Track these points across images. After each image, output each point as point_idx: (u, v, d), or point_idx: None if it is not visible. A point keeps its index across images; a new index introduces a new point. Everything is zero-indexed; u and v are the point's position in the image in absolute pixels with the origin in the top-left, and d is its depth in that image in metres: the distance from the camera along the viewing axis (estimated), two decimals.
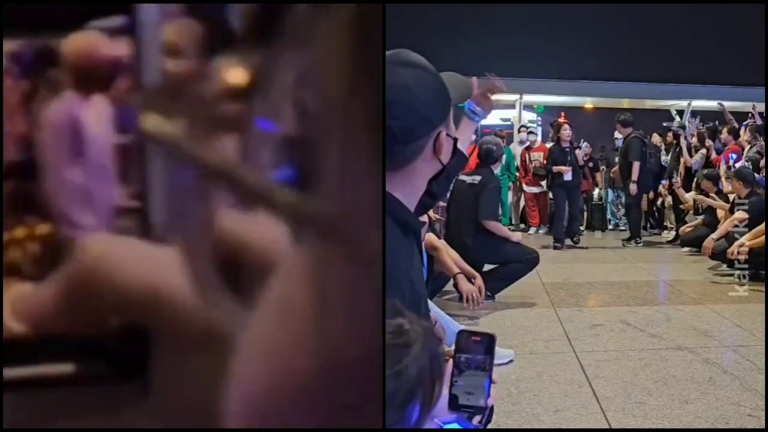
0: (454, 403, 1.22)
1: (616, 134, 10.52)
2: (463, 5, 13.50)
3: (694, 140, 10.11)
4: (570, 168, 9.48)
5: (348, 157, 0.87)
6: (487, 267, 5.60)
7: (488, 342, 1.25)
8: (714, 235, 6.83)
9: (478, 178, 5.74)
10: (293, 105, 1.01)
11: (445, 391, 1.19)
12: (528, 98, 14.15)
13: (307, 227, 0.89)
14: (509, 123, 14.14)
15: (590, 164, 11.83)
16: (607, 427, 3.05)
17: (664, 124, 12.15)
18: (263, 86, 1.18)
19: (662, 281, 6.96)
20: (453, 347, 1.25)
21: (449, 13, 13.59)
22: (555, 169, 9.59)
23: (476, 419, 1.24)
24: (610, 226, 12.32)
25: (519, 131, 12.57)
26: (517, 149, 12.17)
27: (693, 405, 3.28)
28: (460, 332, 1.26)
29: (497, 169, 6.18)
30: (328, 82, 0.86)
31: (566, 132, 9.67)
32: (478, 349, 1.24)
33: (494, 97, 1.90)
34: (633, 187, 9.48)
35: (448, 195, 5.73)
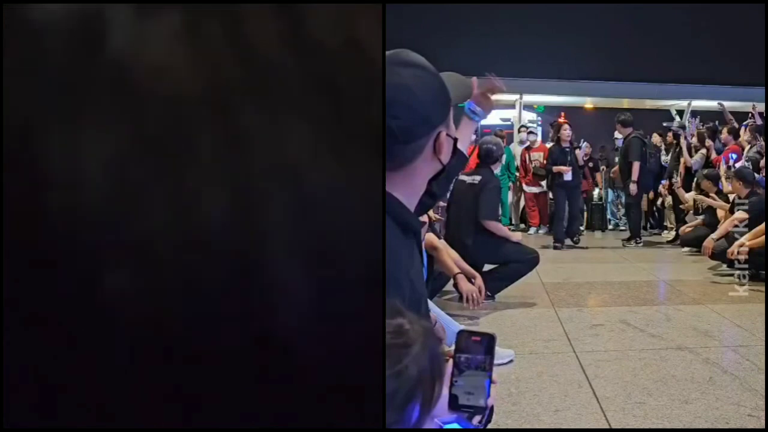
0: (454, 403, 1.22)
1: (616, 134, 10.52)
2: (463, 5, 13.49)
3: (694, 140, 10.11)
4: (570, 168, 9.48)
5: None
6: (487, 267, 5.60)
7: (488, 342, 1.25)
8: (714, 235, 6.83)
9: (478, 178, 5.73)
10: None
11: (445, 391, 1.19)
12: (528, 98, 14.15)
13: None
14: (509, 123, 14.14)
15: (590, 164, 11.83)
16: (607, 427, 3.05)
17: (664, 124, 12.15)
18: None
19: (662, 281, 6.96)
20: (453, 347, 1.25)
21: (449, 13, 13.58)
22: (555, 169, 9.59)
23: (476, 419, 1.24)
24: (610, 226, 12.32)
25: (519, 131, 12.56)
26: (517, 149, 12.17)
27: (693, 405, 3.28)
28: (460, 332, 1.26)
29: (497, 169, 6.18)
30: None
31: (566, 132, 9.67)
32: (478, 349, 1.24)
33: (494, 97, 1.91)
34: (633, 187, 9.48)
35: (448, 195, 5.73)
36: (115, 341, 1.19)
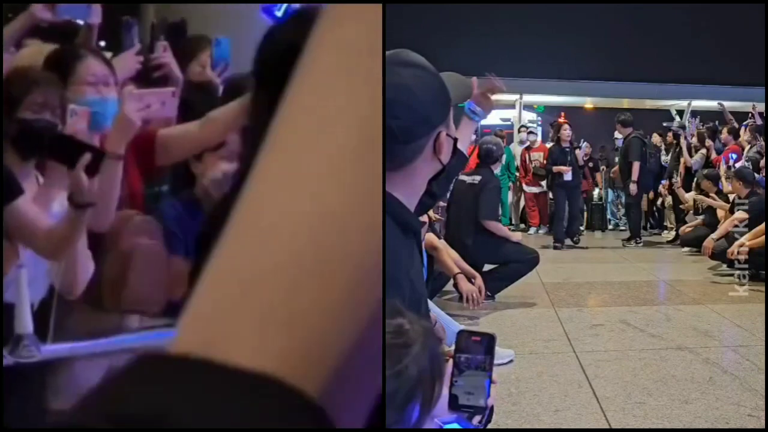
0: (454, 403, 1.22)
1: (616, 134, 10.52)
2: (463, 5, 13.49)
3: (694, 140, 10.11)
4: (570, 168, 9.47)
5: None
6: (487, 267, 5.60)
7: (488, 342, 1.25)
8: (714, 235, 6.83)
9: (478, 178, 5.73)
10: None
11: (445, 391, 1.19)
12: (528, 98, 14.14)
13: None
14: (509, 123, 14.13)
15: (590, 164, 11.82)
16: (607, 427, 3.05)
17: (664, 124, 12.14)
18: None
19: (662, 281, 6.96)
20: (453, 347, 1.25)
21: (449, 13, 13.57)
22: (555, 169, 9.57)
23: (476, 419, 1.24)
24: (610, 226, 12.31)
25: (519, 131, 12.55)
26: (517, 149, 12.16)
27: (693, 405, 3.28)
28: (460, 332, 1.26)
29: (497, 169, 6.18)
30: None
31: (566, 132, 9.66)
32: (478, 349, 1.24)
33: (494, 97, 1.91)
34: (633, 187, 9.48)
35: (448, 195, 5.73)
36: None
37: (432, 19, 13.27)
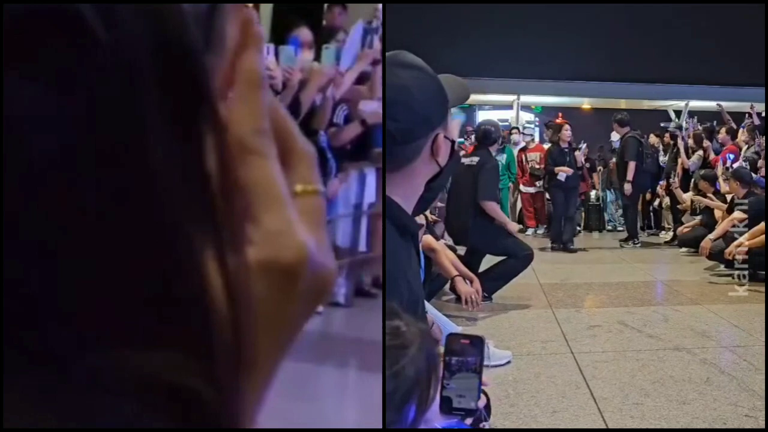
0: (446, 407, 1.22)
1: (613, 135, 10.51)
2: (463, 5, 13.49)
3: (692, 141, 10.11)
4: (571, 169, 9.43)
5: None
6: (483, 267, 5.60)
7: (478, 344, 1.25)
8: (711, 236, 6.83)
9: (476, 159, 5.72)
10: None
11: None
12: (525, 99, 14.14)
13: None
14: (507, 124, 14.15)
15: (587, 164, 11.82)
16: (605, 427, 3.05)
17: (662, 125, 12.15)
18: None
19: (660, 282, 6.96)
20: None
21: (449, 13, 13.57)
22: (556, 169, 9.47)
23: (468, 421, 1.24)
24: (608, 227, 12.30)
25: (511, 133, 12.48)
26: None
27: (690, 406, 3.28)
28: (450, 335, 1.26)
29: (494, 151, 6.14)
30: None
31: (566, 133, 9.61)
32: (469, 351, 1.24)
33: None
34: (628, 187, 9.47)
35: (446, 195, 5.72)
36: None
37: (432, 19, 13.27)
